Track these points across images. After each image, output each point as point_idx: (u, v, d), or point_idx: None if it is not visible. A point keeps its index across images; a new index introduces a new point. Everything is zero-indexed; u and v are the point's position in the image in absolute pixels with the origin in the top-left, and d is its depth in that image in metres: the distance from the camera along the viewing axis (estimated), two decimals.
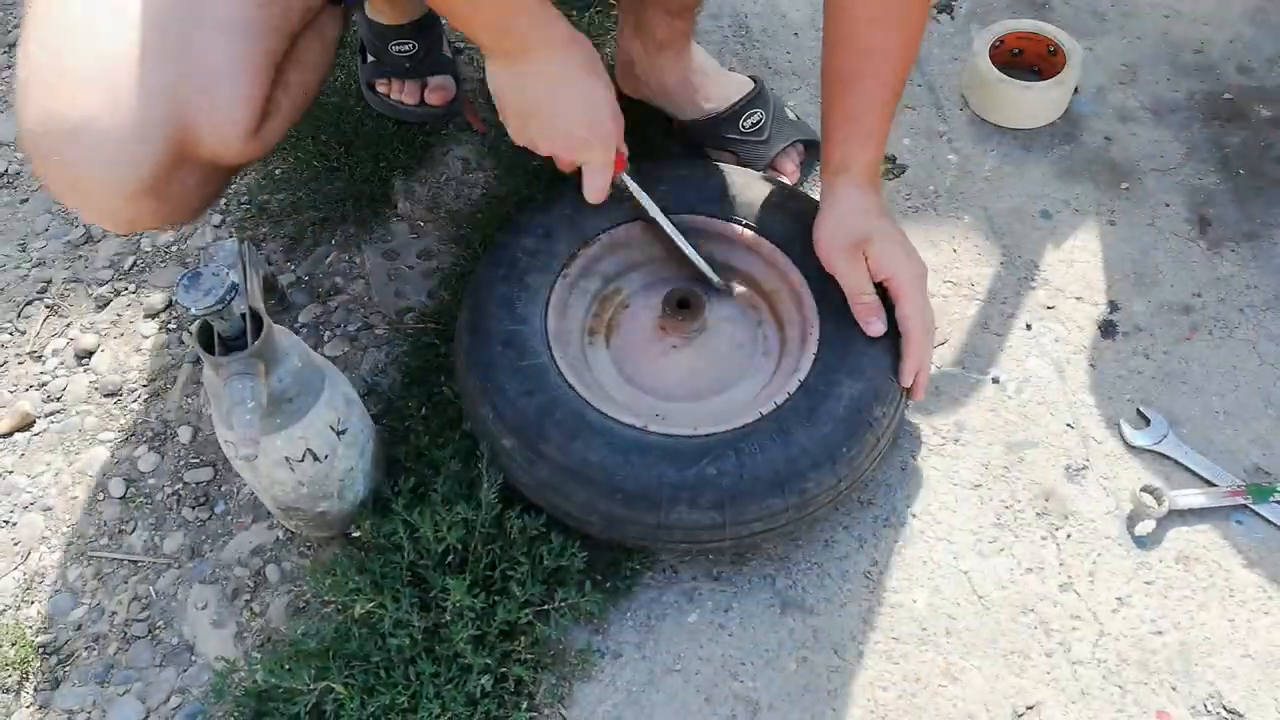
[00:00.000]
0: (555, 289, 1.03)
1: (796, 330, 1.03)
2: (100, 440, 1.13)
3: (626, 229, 1.08)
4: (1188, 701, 0.93)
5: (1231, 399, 1.11)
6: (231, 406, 0.80)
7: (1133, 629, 0.97)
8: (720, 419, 0.96)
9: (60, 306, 1.24)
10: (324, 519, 0.99)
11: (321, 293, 1.22)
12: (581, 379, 0.98)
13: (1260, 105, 1.34)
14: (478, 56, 1.44)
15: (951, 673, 0.95)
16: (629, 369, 1.05)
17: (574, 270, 1.05)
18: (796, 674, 0.95)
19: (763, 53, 1.43)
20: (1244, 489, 1.03)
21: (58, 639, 1.00)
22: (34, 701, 0.97)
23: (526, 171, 1.27)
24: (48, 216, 1.31)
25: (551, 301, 1.02)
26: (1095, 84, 1.37)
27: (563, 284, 1.04)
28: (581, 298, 1.07)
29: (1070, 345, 1.15)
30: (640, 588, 1.00)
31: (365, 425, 0.98)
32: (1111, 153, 1.31)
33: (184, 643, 1.00)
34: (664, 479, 0.91)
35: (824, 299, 1.01)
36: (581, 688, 0.95)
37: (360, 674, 0.90)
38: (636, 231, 1.08)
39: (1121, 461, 1.07)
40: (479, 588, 0.94)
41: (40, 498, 1.09)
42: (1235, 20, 1.44)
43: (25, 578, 1.04)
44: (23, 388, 1.17)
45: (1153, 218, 1.25)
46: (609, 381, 1.04)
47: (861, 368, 0.97)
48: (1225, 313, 1.17)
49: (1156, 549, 1.02)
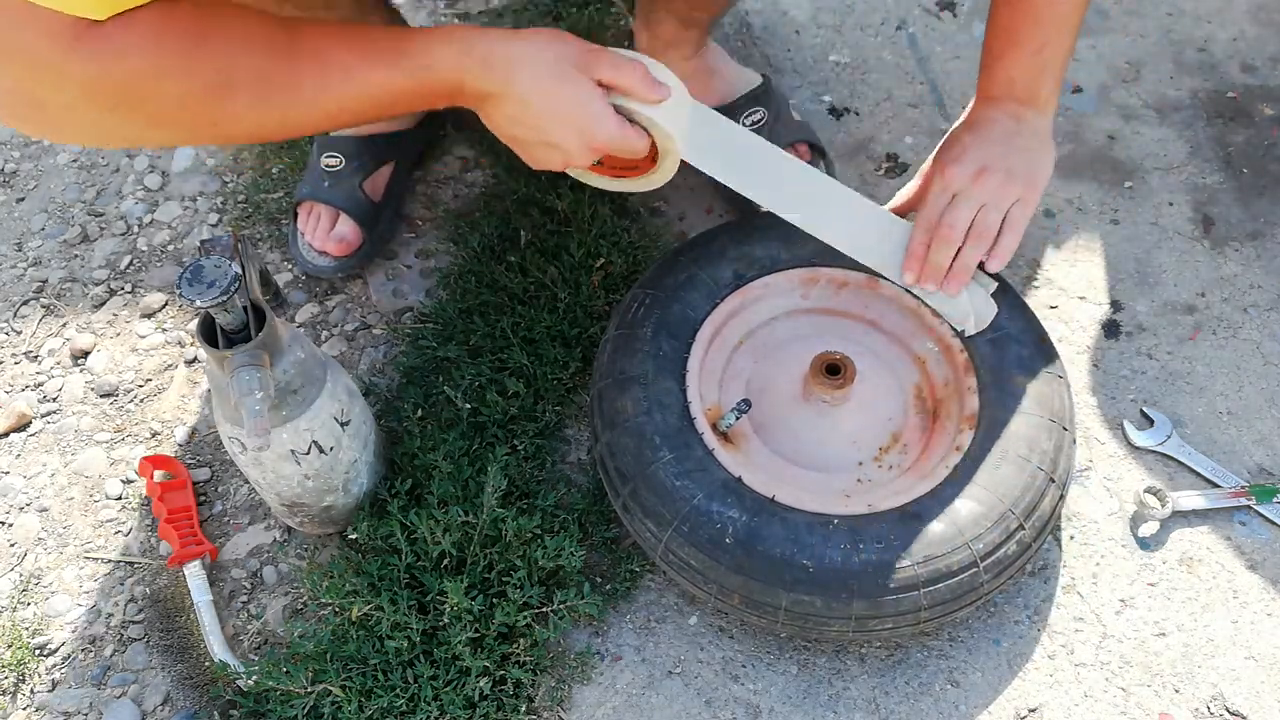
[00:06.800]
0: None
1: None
2: (96, 440, 1.12)
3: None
4: (1191, 704, 0.93)
5: (1235, 399, 1.10)
6: (240, 398, 0.79)
7: (1136, 630, 0.96)
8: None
9: (56, 306, 1.23)
10: (329, 514, 0.98)
11: (319, 292, 1.22)
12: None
13: (1264, 104, 1.34)
14: None
15: (954, 676, 0.94)
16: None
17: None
18: (798, 677, 0.95)
19: (764, 50, 1.42)
20: (1248, 490, 1.02)
21: (54, 640, 1.00)
22: (30, 703, 0.96)
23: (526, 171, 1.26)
24: (44, 216, 1.30)
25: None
26: (1098, 82, 1.37)
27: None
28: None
29: (1073, 345, 1.14)
30: (640, 590, 1.00)
31: (367, 417, 0.98)
32: (1114, 151, 1.30)
33: (180, 644, 0.99)
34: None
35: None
36: (581, 690, 0.94)
37: (358, 676, 0.90)
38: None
39: (1125, 462, 1.06)
40: (477, 590, 0.93)
41: (36, 498, 1.08)
42: (1239, 18, 1.43)
43: (21, 579, 1.03)
44: (19, 388, 1.16)
45: (1156, 217, 1.24)
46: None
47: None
48: (1229, 312, 1.16)
49: (1160, 550, 1.01)
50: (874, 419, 1.02)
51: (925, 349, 1.04)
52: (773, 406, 1.02)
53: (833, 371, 0.97)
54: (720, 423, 0.99)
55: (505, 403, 1.06)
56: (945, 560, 0.87)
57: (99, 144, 0.76)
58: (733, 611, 0.92)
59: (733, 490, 0.90)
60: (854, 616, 0.87)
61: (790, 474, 0.98)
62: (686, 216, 1.26)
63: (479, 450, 1.03)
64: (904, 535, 0.88)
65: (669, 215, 1.26)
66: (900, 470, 0.98)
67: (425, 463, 1.01)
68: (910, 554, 0.87)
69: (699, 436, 0.94)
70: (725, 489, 0.90)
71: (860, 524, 0.89)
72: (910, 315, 1.04)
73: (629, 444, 0.93)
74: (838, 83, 1.39)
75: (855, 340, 1.06)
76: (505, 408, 1.06)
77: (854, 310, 1.07)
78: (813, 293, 1.07)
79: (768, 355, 1.06)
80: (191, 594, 0.99)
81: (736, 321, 1.05)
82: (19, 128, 0.70)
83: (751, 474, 0.92)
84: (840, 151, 1.31)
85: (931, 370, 1.03)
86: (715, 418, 0.99)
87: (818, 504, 0.91)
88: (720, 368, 1.04)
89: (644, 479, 0.92)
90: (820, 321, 1.08)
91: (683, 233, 1.24)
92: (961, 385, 0.98)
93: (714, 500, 0.90)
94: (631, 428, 0.94)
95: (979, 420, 0.95)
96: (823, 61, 1.42)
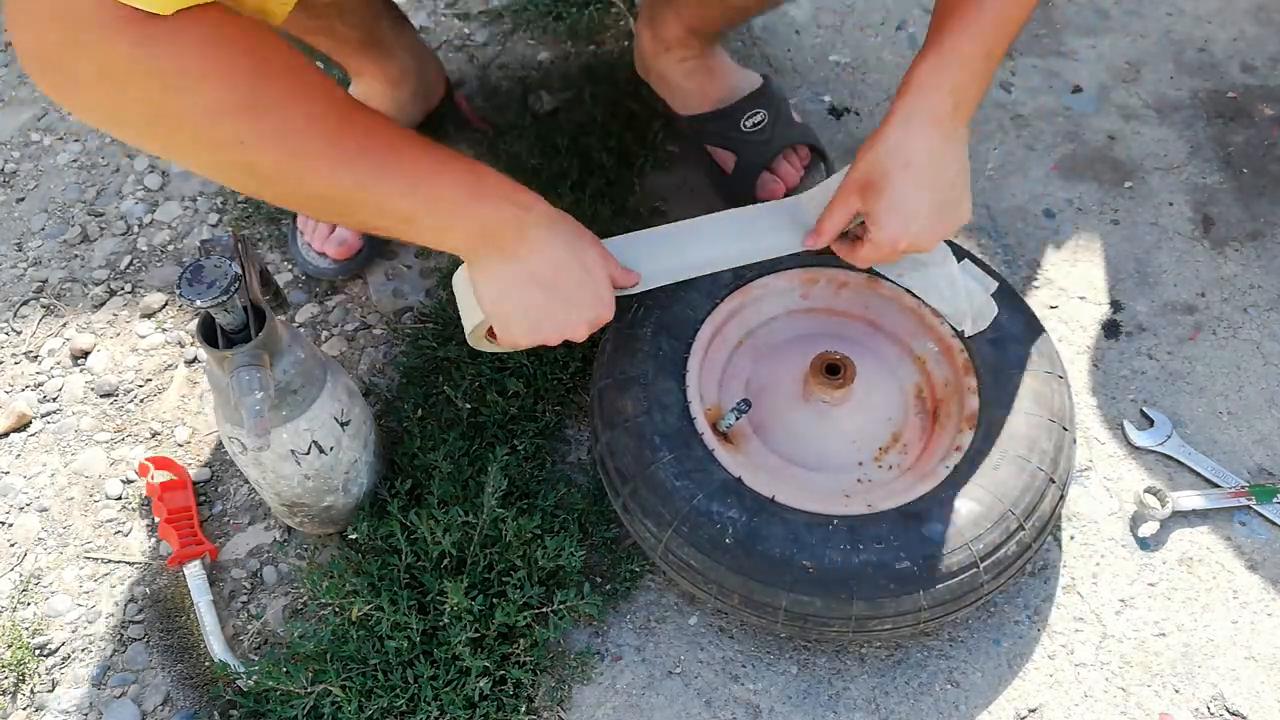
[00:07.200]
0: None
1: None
2: (96, 441, 1.12)
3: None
4: (1191, 704, 0.92)
5: (1235, 399, 1.10)
6: (240, 398, 0.80)
7: (1136, 631, 0.96)
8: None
9: (56, 306, 1.23)
10: (329, 514, 0.98)
11: (319, 292, 1.22)
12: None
13: (1264, 104, 1.34)
14: (470, 49, 1.44)
15: (954, 676, 0.94)
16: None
17: None
18: (798, 677, 0.95)
19: (764, 50, 1.42)
20: (1248, 490, 1.02)
21: (54, 641, 1.00)
22: (30, 703, 0.96)
23: (525, 171, 1.26)
24: (44, 215, 1.30)
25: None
26: (1099, 82, 1.37)
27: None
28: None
29: (1074, 345, 1.14)
30: (640, 590, 0.99)
31: (367, 417, 0.98)
32: (1115, 151, 1.30)
33: (180, 645, 0.99)
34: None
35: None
36: (581, 690, 0.94)
37: (358, 676, 0.90)
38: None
39: (1125, 462, 1.06)
40: (477, 590, 0.93)
41: (36, 499, 1.08)
42: (1239, 18, 1.43)
43: (21, 579, 1.03)
44: (19, 388, 1.16)
45: (1156, 217, 1.24)
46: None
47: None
48: (1229, 312, 1.16)
49: (1160, 550, 1.01)
50: (874, 419, 1.02)
51: (925, 349, 1.04)
52: (773, 406, 1.02)
53: (833, 371, 0.97)
54: (720, 423, 0.98)
55: (505, 403, 1.06)
56: (945, 560, 0.87)
57: (110, 126, 0.74)
58: (733, 612, 0.92)
59: (733, 490, 0.90)
60: (854, 617, 0.87)
61: (790, 474, 0.98)
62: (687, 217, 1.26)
63: (479, 450, 1.03)
64: (904, 535, 0.88)
65: (669, 215, 1.26)
66: (900, 470, 0.98)
67: (425, 463, 1.01)
68: (910, 554, 0.87)
69: (699, 436, 0.94)
70: (725, 489, 0.90)
71: (860, 524, 0.89)
72: (910, 315, 1.04)
73: (629, 444, 0.93)
74: (838, 83, 1.39)
75: (855, 340, 1.06)
76: (505, 408, 1.06)
77: (854, 310, 1.07)
78: (813, 293, 1.07)
79: (768, 355, 1.06)
80: (191, 594, 0.99)
81: (736, 321, 1.05)
82: (39, 84, 0.68)
83: (751, 474, 0.92)
84: (840, 151, 1.31)
85: (931, 370, 1.03)
86: (715, 418, 0.99)
87: (818, 504, 0.90)
88: (720, 368, 1.04)
89: (644, 479, 0.92)
90: (820, 321, 1.08)
91: None
92: (961, 385, 0.98)
93: (714, 500, 0.90)
94: (631, 428, 0.94)
95: (979, 420, 0.95)
96: (823, 61, 1.42)
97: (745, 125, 1.22)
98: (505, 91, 1.38)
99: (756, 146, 1.21)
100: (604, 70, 1.36)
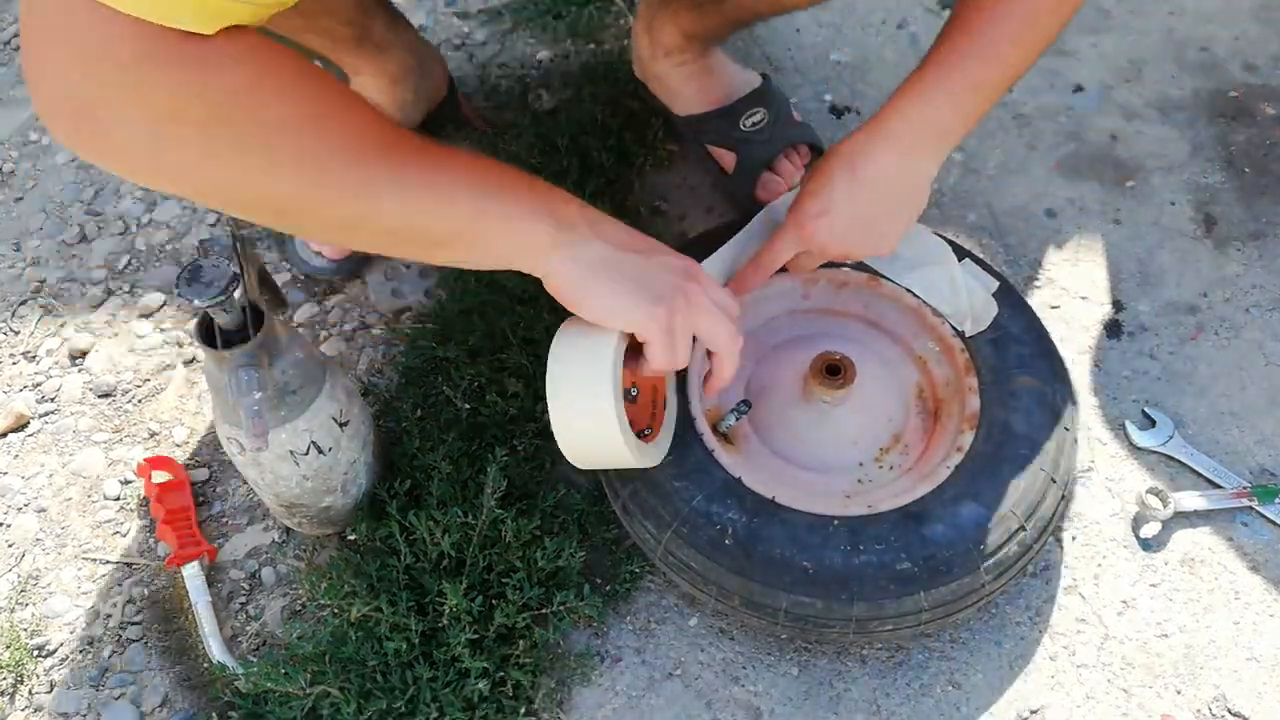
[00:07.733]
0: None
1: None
2: (94, 441, 1.12)
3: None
4: (1193, 705, 0.92)
5: (1238, 400, 1.10)
6: (238, 399, 0.79)
7: (1138, 632, 0.96)
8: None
9: (54, 306, 1.23)
10: (328, 515, 0.98)
11: (317, 292, 1.21)
12: None
13: (1266, 103, 1.33)
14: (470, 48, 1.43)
15: (955, 677, 0.94)
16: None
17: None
18: (799, 679, 0.94)
19: (765, 49, 1.42)
20: (1250, 490, 1.02)
21: (52, 641, 0.99)
22: (29, 704, 0.96)
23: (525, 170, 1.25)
24: (42, 215, 1.30)
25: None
26: (1100, 81, 1.36)
27: None
28: None
29: (1075, 345, 1.14)
30: (640, 591, 0.99)
31: (366, 418, 0.98)
32: (1116, 151, 1.30)
33: (179, 646, 0.99)
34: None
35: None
36: (580, 692, 0.94)
37: (356, 678, 0.90)
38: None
39: (1127, 463, 1.06)
40: (476, 591, 0.93)
41: (34, 499, 1.08)
42: (1241, 18, 1.43)
43: (19, 580, 1.03)
44: (17, 388, 1.16)
45: (1158, 216, 1.24)
46: None
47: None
48: (1231, 312, 1.16)
49: (1162, 551, 1.01)
50: (874, 419, 1.02)
51: (926, 349, 1.03)
52: (773, 407, 1.01)
53: (833, 372, 0.97)
54: (720, 423, 0.98)
55: (504, 403, 1.06)
56: (946, 561, 0.87)
57: (156, 173, 0.66)
58: (733, 613, 0.91)
59: (733, 491, 0.90)
60: (854, 618, 0.87)
61: (790, 475, 0.97)
62: (687, 216, 1.25)
63: (478, 451, 1.02)
64: (905, 536, 0.88)
65: (669, 215, 1.26)
66: (901, 471, 0.98)
67: (424, 463, 1.01)
68: (911, 555, 0.87)
69: (699, 437, 0.93)
70: (725, 490, 0.90)
71: (861, 525, 0.88)
72: (911, 315, 1.03)
73: None
74: (839, 82, 1.39)
75: (855, 340, 1.06)
76: (504, 408, 1.06)
77: (854, 310, 1.07)
78: (813, 293, 1.07)
79: (768, 355, 1.06)
80: (190, 595, 0.99)
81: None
82: (70, 143, 0.62)
83: (752, 475, 0.92)
84: None
85: (932, 370, 1.03)
86: (715, 418, 0.99)
87: (818, 505, 0.90)
88: None
89: (644, 480, 0.91)
90: (820, 321, 1.07)
91: (683, 232, 1.24)
92: (962, 385, 0.98)
93: (714, 501, 0.89)
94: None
95: (980, 420, 0.95)
96: (824, 60, 1.41)
97: (745, 124, 1.21)
98: (505, 90, 1.38)
99: (757, 146, 1.21)
100: (604, 69, 1.36)
